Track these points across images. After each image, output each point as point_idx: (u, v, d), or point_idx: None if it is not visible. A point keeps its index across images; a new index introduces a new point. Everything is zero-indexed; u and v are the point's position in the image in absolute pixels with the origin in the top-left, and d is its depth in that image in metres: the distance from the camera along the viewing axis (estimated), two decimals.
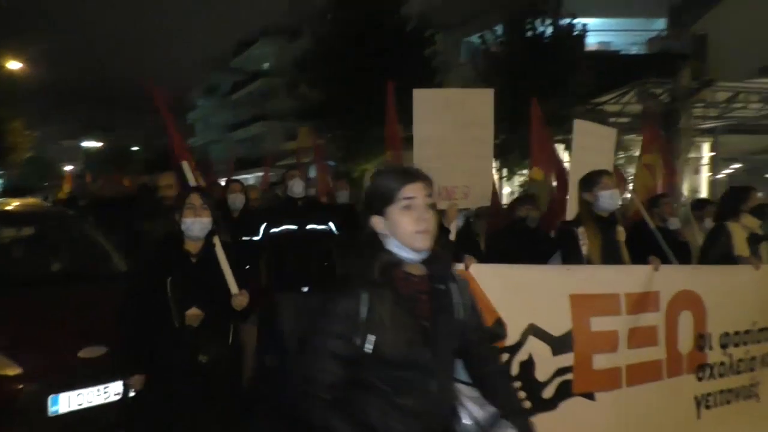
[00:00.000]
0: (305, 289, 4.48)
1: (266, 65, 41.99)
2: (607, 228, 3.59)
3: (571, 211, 4.14)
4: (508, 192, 15.23)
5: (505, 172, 14.25)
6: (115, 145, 54.61)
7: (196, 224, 3.04)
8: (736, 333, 3.80)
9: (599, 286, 3.39)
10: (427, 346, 1.73)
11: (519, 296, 3.21)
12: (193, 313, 2.97)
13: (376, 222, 1.75)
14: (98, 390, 3.55)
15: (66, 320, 3.74)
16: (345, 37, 16.53)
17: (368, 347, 1.66)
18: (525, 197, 5.77)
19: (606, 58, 16.04)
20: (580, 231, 3.52)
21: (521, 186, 13.24)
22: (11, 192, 37.29)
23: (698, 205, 6.04)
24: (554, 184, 6.24)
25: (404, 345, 1.69)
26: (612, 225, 3.65)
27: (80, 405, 3.48)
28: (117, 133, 61.87)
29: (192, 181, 3.90)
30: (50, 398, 3.37)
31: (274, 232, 4.82)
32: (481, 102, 4.50)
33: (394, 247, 1.74)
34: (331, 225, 5.06)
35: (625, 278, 3.48)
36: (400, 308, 1.70)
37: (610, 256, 3.54)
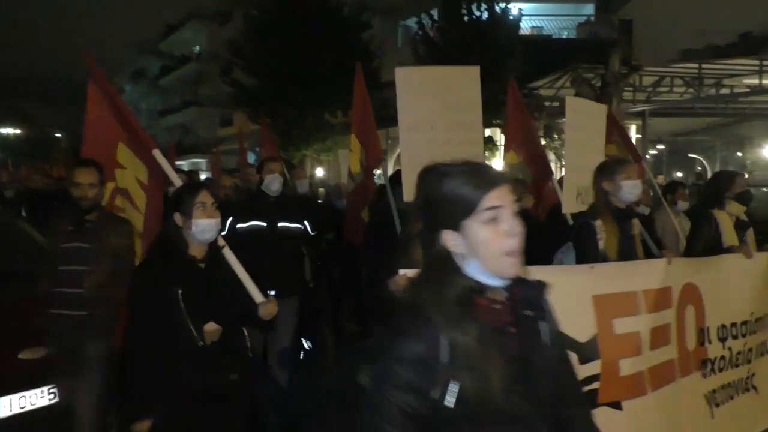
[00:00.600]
0: (272, 293, 4.14)
1: (196, 49, 40.63)
2: (623, 220, 3.32)
3: (570, 200, 3.98)
4: None
5: None
6: (36, 133, 51.79)
7: (210, 226, 2.65)
8: (733, 325, 3.66)
9: (619, 284, 3.12)
10: (525, 392, 1.37)
11: None
12: (212, 328, 2.58)
13: (448, 239, 1.35)
14: (41, 392, 3.47)
15: (2, 322, 3.59)
16: (278, 20, 16.24)
17: (450, 400, 1.29)
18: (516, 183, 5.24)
19: (538, 43, 16.42)
20: (597, 224, 3.22)
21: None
22: None
23: (670, 188, 5.85)
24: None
25: (498, 393, 1.30)
26: (628, 217, 3.36)
27: (23, 408, 3.40)
28: (38, 120, 58.62)
29: (173, 175, 3.40)
30: None
31: (241, 228, 4.35)
32: (467, 81, 4.17)
33: (474, 270, 1.36)
34: (306, 224, 4.64)
35: (643, 274, 3.21)
36: (488, 346, 1.32)
37: (626, 250, 3.27)
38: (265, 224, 4.41)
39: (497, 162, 13.08)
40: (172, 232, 2.66)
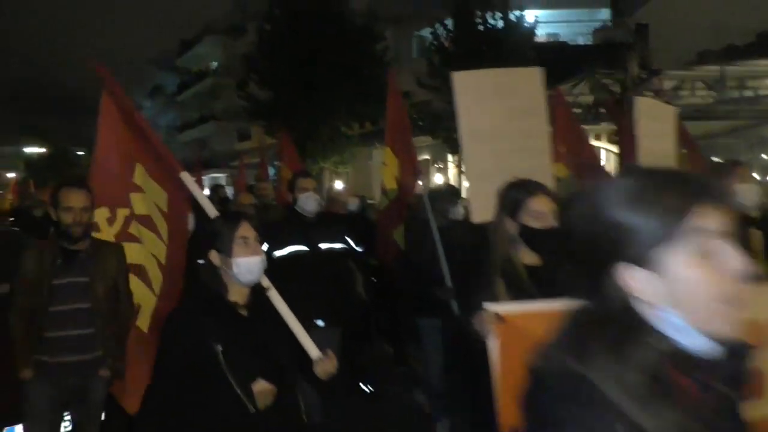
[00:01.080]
0: (320, 324, 3.71)
1: (213, 64, 41.06)
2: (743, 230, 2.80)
3: None
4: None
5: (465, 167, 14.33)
6: (58, 150, 52.57)
7: (254, 266, 2.22)
8: None
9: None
10: None
11: None
12: (264, 388, 2.13)
13: (631, 278, 0.91)
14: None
15: None
16: (291, 33, 16.34)
17: None
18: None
19: (554, 49, 16.29)
20: None
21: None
22: None
23: None
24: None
25: None
26: (746, 226, 2.87)
27: None
28: (59, 136, 59.56)
29: (206, 203, 2.79)
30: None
31: (280, 256, 3.86)
32: (529, 84, 3.83)
33: (672, 327, 0.91)
34: (350, 241, 4.25)
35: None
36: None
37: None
38: (306, 248, 3.98)
39: None
40: (207, 273, 2.24)
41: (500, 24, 12.78)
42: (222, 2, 40.86)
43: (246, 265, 2.20)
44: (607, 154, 15.67)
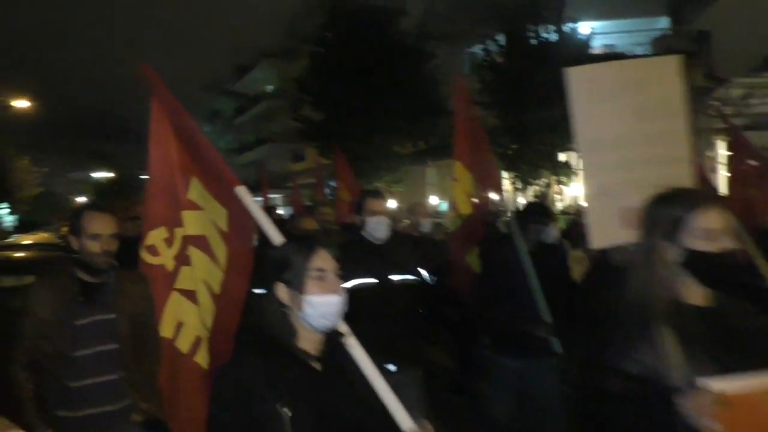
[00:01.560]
0: (391, 368, 3.09)
1: (269, 88, 42.10)
2: None
3: None
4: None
5: (519, 183, 14.01)
6: (124, 175, 54.82)
7: (333, 307, 1.76)
8: None
9: None
10: None
11: None
12: None
13: None
14: None
15: None
16: (343, 55, 16.50)
17: None
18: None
19: (612, 60, 15.83)
20: None
21: (536, 197, 13.00)
22: (23, 228, 37.51)
23: None
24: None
25: None
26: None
27: None
28: (125, 162, 62.12)
29: (266, 224, 2.34)
30: None
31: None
32: (664, 77, 3.15)
33: None
34: (424, 273, 3.75)
35: None
36: None
37: None
38: (375, 280, 3.44)
39: (575, 188, 12.56)
40: (271, 311, 1.77)
41: (554, 37, 12.49)
42: (273, 28, 41.90)
43: (322, 306, 1.73)
44: None
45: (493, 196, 4.68)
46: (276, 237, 2.25)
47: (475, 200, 4.72)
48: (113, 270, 2.75)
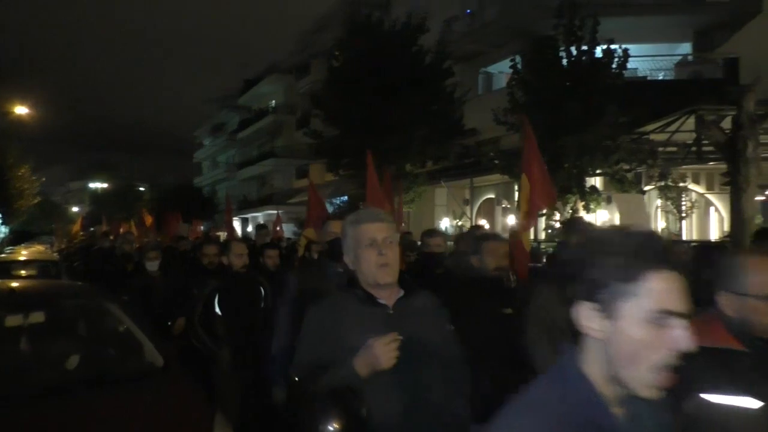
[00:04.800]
0: None
1: (273, 103, 41.70)
2: None
3: None
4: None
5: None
6: (122, 186, 54.31)
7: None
8: None
9: None
10: None
11: None
12: None
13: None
14: None
15: None
16: (359, 70, 15.98)
17: None
18: None
19: (637, 85, 15.35)
20: None
21: (563, 223, 12.35)
22: (18, 238, 36.75)
23: None
24: None
25: None
26: None
27: None
28: (123, 172, 61.64)
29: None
30: None
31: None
32: None
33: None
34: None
35: None
36: None
37: None
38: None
39: (602, 214, 11.95)
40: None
41: (585, 57, 11.95)
42: (286, 43, 41.77)
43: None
44: (699, 198, 14.48)
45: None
46: None
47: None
48: None
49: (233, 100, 47.88)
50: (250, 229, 37.00)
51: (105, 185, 57.51)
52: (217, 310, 4.47)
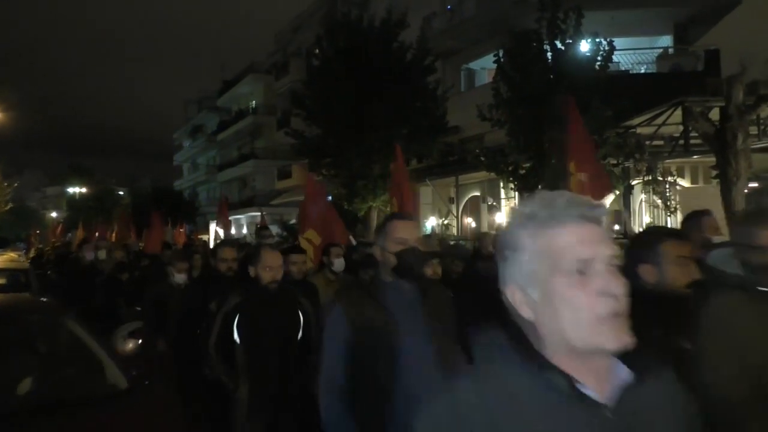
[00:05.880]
0: None
1: (253, 103, 41.18)
2: None
3: None
4: None
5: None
6: (100, 190, 53.38)
7: None
8: None
9: None
10: None
11: None
12: None
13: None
14: None
15: None
16: (341, 68, 15.68)
17: None
18: None
19: (619, 78, 15.25)
20: None
21: None
22: None
23: None
24: None
25: None
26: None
27: None
28: (102, 175, 60.61)
29: None
30: None
31: None
32: None
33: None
34: None
35: None
36: None
37: None
38: None
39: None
40: None
41: (572, 52, 11.76)
42: (264, 43, 41.27)
43: None
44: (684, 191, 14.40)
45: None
46: None
47: None
48: None
49: (212, 102, 47.28)
50: (233, 231, 36.41)
51: (83, 190, 56.49)
52: (236, 336, 3.57)
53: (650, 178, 11.24)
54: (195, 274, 5.86)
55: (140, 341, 4.57)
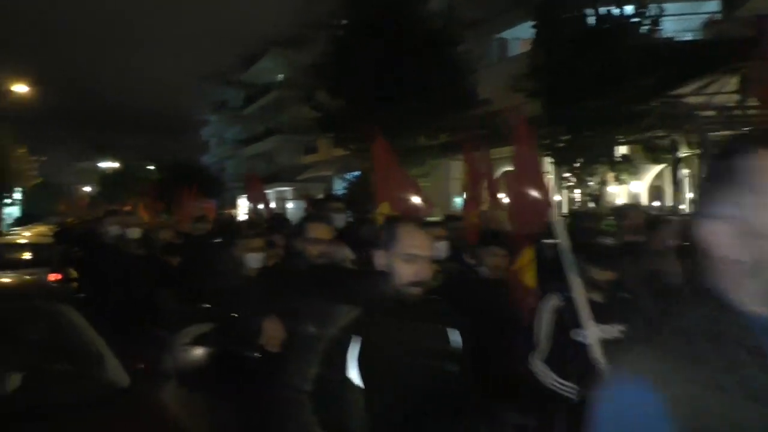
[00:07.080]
0: None
1: (279, 77, 40.63)
2: None
3: None
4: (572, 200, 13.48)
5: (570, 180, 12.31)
6: (130, 166, 53.79)
7: None
8: None
9: None
10: None
11: None
12: None
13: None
14: None
15: None
16: (364, 38, 15.03)
17: None
18: None
19: (668, 46, 14.28)
20: None
21: (589, 195, 11.42)
22: (21, 220, 36.37)
23: None
24: None
25: None
26: None
27: None
28: (131, 153, 61.15)
29: None
30: None
31: None
32: None
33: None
34: None
35: None
36: None
37: None
38: None
39: (637, 185, 11.08)
40: None
41: (613, 19, 10.95)
42: (281, 16, 40.51)
43: None
44: None
45: None
46: None
47: None
48: None
49: (233, 76, 46.86)
50: (261, 207, 36.09)
51: (115, 164, 57.16)
52: (350, 373, 2.00)
53: (702, 151, 10.46)
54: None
55: (210, 350, 3.46)
